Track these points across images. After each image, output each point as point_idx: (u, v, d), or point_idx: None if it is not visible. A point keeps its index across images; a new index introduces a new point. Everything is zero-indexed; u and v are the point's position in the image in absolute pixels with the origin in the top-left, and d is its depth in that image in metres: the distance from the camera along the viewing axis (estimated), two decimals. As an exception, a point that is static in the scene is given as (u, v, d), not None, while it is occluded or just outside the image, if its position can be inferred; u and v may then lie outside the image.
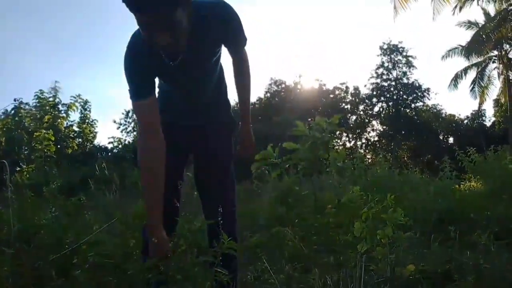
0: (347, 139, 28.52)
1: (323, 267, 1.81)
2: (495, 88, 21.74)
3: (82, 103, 14.75)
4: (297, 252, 2.04)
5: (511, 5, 16.43)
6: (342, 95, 29.09)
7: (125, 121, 18.22)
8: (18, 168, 10.37)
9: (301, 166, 2.89)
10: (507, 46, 20.47)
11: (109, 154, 15.31)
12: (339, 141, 26.15)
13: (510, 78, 20.51)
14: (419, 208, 2.62)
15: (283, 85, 30.65)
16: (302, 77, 30.49)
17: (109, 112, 24.40)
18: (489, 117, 24.73)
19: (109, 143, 17.27)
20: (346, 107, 28.46)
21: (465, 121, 24.50)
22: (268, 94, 30.39)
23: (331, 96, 28.77)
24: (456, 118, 25.00)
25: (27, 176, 9.68)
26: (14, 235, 1.84)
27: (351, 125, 27.35)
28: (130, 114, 18.02)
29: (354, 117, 28.28)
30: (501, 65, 20.94)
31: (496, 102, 23.66)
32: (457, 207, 2.58)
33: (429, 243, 2.08)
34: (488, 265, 1.57)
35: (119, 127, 18.29)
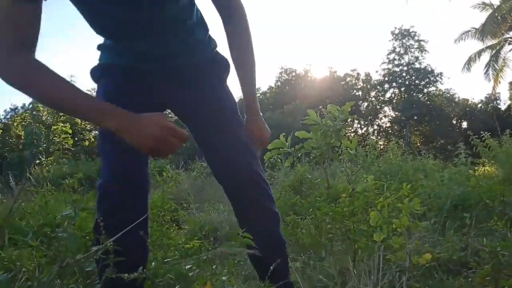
0: (358, 126, 28.27)
1: (338, 255, 1.84)
2: (511, 70, 21.20)
3: (97, 94, 15.01)
4: (312, 241, 2.07)
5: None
6: (354, 81, 28.78)
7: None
8: (37, 161, 10.63)
9: (313, 154, 2.91)
10: (524, 26, 19.86)
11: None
12: (351, 128, 25.97)
13: (527, 59, 19.95)
14: (433, 195, 2.61)
15: (293, 74, 30.43)
16: (313, 65, 30.20)
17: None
18: (504, 101, 24.17)
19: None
20: (357, 93, 28.16)
21: (479, 105, 24.02)
22: (279, 83, 30.24)
23: (342, 83, 28.48)
24: (470, 102, 24.53)
25: (47, 168, 9.91)
26: (36, 229, 1.89)
27: (363, 112, 27.07)
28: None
29: (365, 104, 27.99)
30: (517, 47, 20.37)
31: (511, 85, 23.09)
32: (472, 194, 2.56)
33: (444, 231, 2.08)
34: (506, 252, 1.57)
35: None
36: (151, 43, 1.06)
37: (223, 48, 1.21)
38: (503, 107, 24.04)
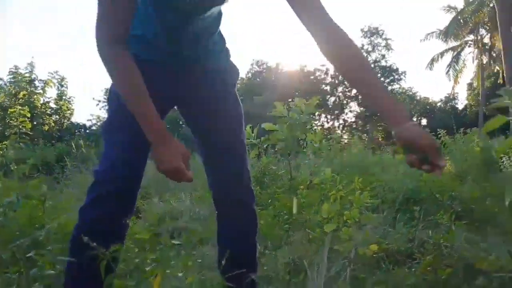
0: (325, 120, 28.82)
1: (294, 246, 1.88)
2: (469, 72, 22.40)
3: (59, 80, 14.30)
4: (270, 231, 2.09)
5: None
6: (323, 76, 29.23)
7: (105, 98, 17.90)
8: (-9, 145, 10.03)
9: (279, 146, 2.94)
10: (483, 31, 20.95)
11: (87, 131, 14.94)
12: (317, 122, 26.41)
13: (484, 63, 21.09)
14: (387, 189, 2.72)
15: (264, 66, 30.47)
16: (284, 58, 30.38)
17: (88, 91, 23.74)
18: (462, 100, 25.56)
19: (87, 120, 16.92)
20: (325, 88, 28.66)
21: (439, 104, 25.20)
22: (250, 75, 30.16)
23: (312, 77, 28.86)
24: (430, 100, 25.66)
25: (1, 153, 9.37)
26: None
27: (330, 106, 27.59)
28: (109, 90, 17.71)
29: (333, 99, 28.55)
30: (476, 50, 21.47)
31: (469, 86, 24.36)
32: (424, 188, 2.69)
33: (395, 223, 2.18)
34: (448, 243, 1.66)
35: (98, 104, 17.89)
36: (183, 47, 1.13)
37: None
38: (460, 106, 25.41)
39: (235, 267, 1.14)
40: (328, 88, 28.77)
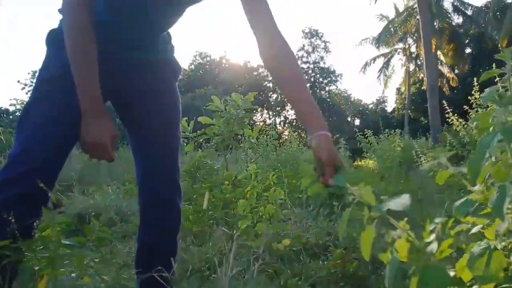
0: (267, 116, 29.30)
1: (216, 240, 1.87)
2: (398, 77, 24.22)
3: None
4: (194, 226, 2.07)
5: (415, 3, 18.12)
6: (266, 73, 29.65)
7: (31, 82, 16.25)
8: None
9: (215, 140, 2.92)
10: (411, 40, 22.73)
11: (10, 117, 13.49)
12: (260, 117, 26.78)
13: (411, 69, 22.94)
14: (315, 185, 2.84)
15: (208, 59, 30.08)
16: (228, 53, 30.31)
17: (13, 74, 21.49)
18: (391, 104, 27.62)
19: (10, 105, 15.24)
20: (268, 85, 29.12)
21: (370, 106, 26.95)
22: (193, 66, 29.60)
23: (255, 73, 29.15)
24: (363, 102, 27.34)
25: None
26: None
27: (272, 103, 28.12)
28: (36, 75, 16.18)
29: (275, 96, 29.12)
30: (404, 57, 23.27)
31: (398, 90, 26.38)
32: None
33: (318, 217, 2.28)
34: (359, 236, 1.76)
35: (24, 88, 16.28)
36: (141, 34, 1.12)
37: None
38: (389, 109, 27.42)
39: (152, 265, 1.11)
40: (270, 85, 29.27)
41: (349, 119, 26.13)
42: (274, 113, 29.29)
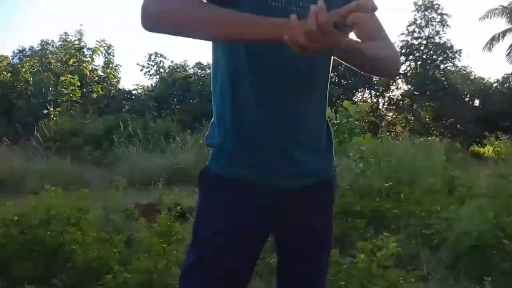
0: (369, 96, 27.80)
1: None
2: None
3: (106, 48, 14.73)
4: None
5: None
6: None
7: (148, 63, 18.41)
8: (45, 111, 10.75)
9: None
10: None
11: (133, 101, 15.46)
12: (361, 96, 25.47)
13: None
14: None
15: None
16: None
17: (131, 59, 24.43)
18: (522, 83, 23.48)
19: (133, 89, 17.49)
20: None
21: (495, 84, 23.38)
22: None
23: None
24: (486, 81, 23.87)
25: (54, 119, 10.01)
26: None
27: (375, 82, 26.51)
28: (152, 57, 18.25)
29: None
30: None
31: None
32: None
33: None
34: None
35: (142, 69, 18.50)
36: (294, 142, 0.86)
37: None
38: (519, 88, 23.32)
39: None
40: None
41: (466, 99, 23.15)
42: (377, 94, 27.61)
